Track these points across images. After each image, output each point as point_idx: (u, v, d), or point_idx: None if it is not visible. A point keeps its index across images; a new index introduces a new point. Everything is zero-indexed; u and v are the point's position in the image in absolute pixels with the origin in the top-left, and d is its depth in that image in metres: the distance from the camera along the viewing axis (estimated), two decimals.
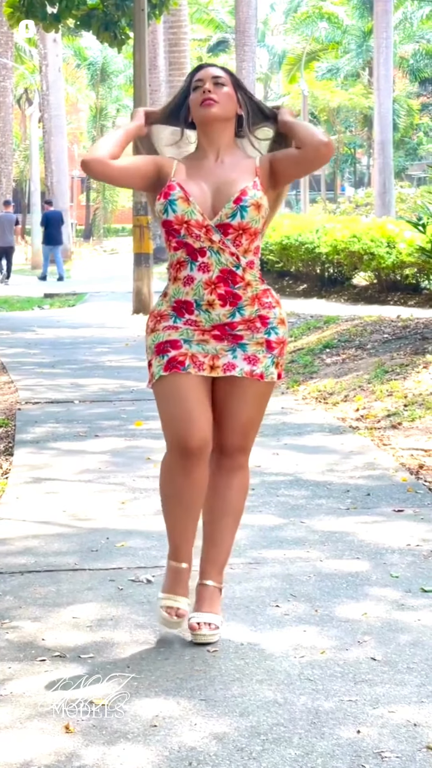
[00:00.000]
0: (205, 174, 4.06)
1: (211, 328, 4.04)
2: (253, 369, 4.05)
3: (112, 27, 18.06)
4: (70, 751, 3.28)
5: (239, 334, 4.06)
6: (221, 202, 4.00)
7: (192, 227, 3.98)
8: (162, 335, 4.06)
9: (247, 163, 4.10)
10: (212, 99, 4.03)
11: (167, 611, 4.10)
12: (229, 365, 4.04)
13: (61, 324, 17.79)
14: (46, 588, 4.72)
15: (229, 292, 4.01)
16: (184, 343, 4.02)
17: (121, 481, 6.61)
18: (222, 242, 3.99)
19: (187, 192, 4.00)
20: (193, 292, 4.02)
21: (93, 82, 56.93)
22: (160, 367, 4.02)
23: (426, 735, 3.35)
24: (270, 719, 3.46)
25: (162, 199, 4.02)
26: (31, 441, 7.89)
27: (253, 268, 4.06)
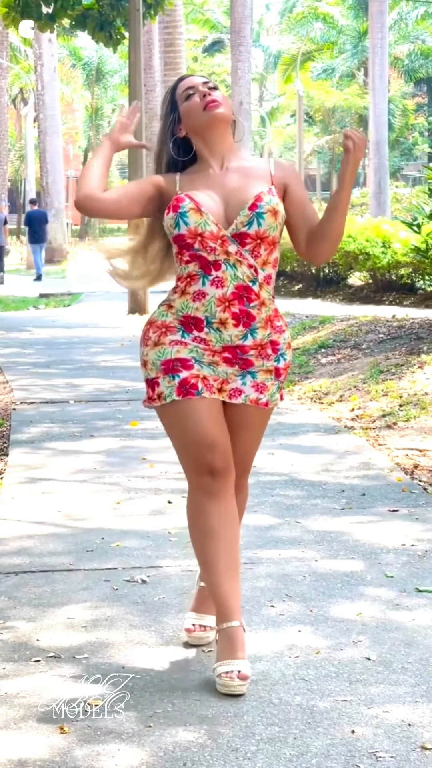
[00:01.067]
0: (213, 183, 3.81)
1: (221, 349, 3.78)
2: (259, 397, 3.84)
3: (108, 27, 18.05)
4: (64, 751, 3.28)
5: (249, 360, 3.81)
6: (235, 210, 3.75)
7: (206, 239, 3.72)
8: (169, 351, 3.77)
9: (258, 169, 3.86)
10: (216, 99, 3.82)
11: (227, 676, 3.65)
12: (236, 391, 3.81)
13: (56, 324, 17.77)
14: (41, 588, 4.72)
15: (244, 311, 3.74)
16: (195, 362, 3.76)
17: (117, 481, 6.61)
18: (239, 253, 3.72)
19: (198, 202, 3.74)
20: (204, 309, 3.75)
21: (88, 82, 56.95)
22: (171, 390, 3.74)
23: (420, 735, 3.35)
24: (265, 719, 3.46)
25: (171, 213, 3.76)
26: (26, 441, 7.89)
27: (270, 284, 3.81)
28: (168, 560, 5.05)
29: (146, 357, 3.82)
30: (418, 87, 54.48)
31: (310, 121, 56.41)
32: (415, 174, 53.53)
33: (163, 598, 4.56)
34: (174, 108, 3.88)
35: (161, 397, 3.76)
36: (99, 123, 56.21)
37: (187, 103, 3.84)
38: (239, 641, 3.67)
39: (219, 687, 3.64)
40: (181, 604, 4.48)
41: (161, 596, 4.58)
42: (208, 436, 3.74)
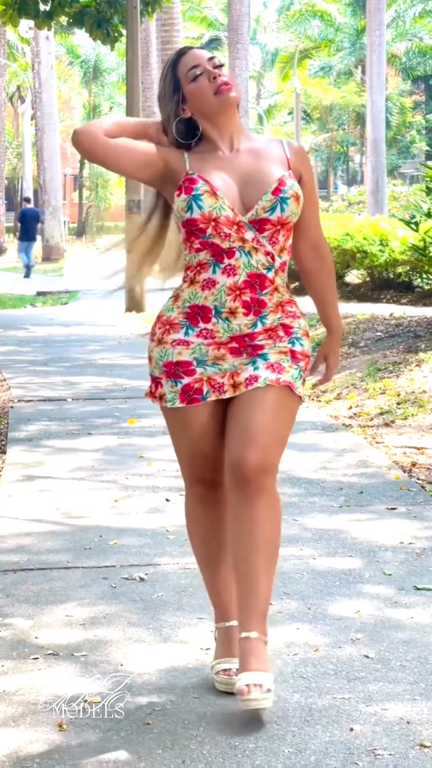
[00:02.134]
0: (225, 165, 3.54)
1: (228, 340, 3.53)
2: (278, 377, 3.49)
3: (105, 24, 18.01)
4: (63, 748, 3.28)
5: (260, 344, 3.54)
6: (253, 194, 3.49)
7: (221, 225, 3.47)
8: (171, 352, 3.56)
9: (273, 151, 3.61)
10: (227, 82, 3.53)
11: (225, 673, 3.64)
12: (252, 378, 3.49)
13: (54, 322, 17.77)
14: (39, 586, 4.72)
15: (255, 299, 3.50)
16: (197, 365, 3.53)
17: (114, 479, 6.61)
18: (256, 240, 3.48)
19: (213, 185, 3.48)
20: (214, 298, 3.51)
21: (86, 79, 56.90)
22: (174, 396, 3.56)
23: (419, 733, 3.35)
24: (263, 717, 3.46)
25: (183, 195, 3.49)
26: (23, 439, 7.88)
27: (284, 271, 3.58)
28: (166, 558, 5.05)
29: (151, 353, 3.63)
30: (415, 85, 54.48)
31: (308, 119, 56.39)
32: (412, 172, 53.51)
33: (162, 596, 4.56)
34: (177, 87, 3.57)
35: (163, 399, 3.60)
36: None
37: (194, 84, 3.54)
38: (236, 638, 3.56)
39: (218, 685, 3.66)
40: (179, 601, 4.48)
41: (159, 594, 4.58)
42: (204, 449, 3.62)
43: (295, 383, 3.52)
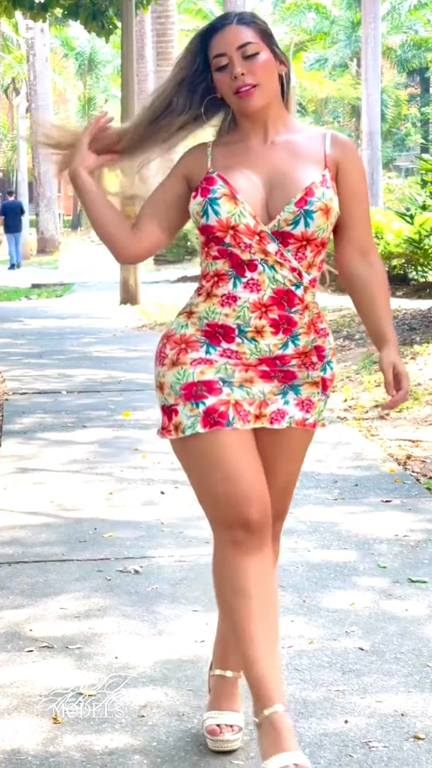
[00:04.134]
0: (253, 161, 3.04)
1: (257, 362, 3.04)
2: (305, 417, 3.12)
3: (100, 17, 17.97)
4: (58, 740, 3.28)
5: (291, 371, 3.08)
6: (278, 201, 2.99)
7: (240, 234, 2.98)
8: (191, 372, 3.02)
9: (311, 147, 3.07)
10: (249, 85, 2.99)
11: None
12: (279, 414, 3.08)
13: (49, 314, 17.76)
14: (34, 578, 4.72)
15: (284, 316, 3.02)
16: (224, 385, 3.02)
17: (109, 471, 6.61)
18: (280, 254, 2.99)
19: (233, 187, 3.00)
20: (236, 315, 3.01)
21: (80, 71, 56.84)
22: (194, 420, 2.99)
23: (413, 725, 3.36)
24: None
25: (199, 197, 3.02)
26: (18, 431, 7.88)
27: (315, 286, 3.10)
28: (161, 550, 5.05)
29: (162, 379, 3.08)
30: (410, 77, 54.47)
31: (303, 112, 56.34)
32: (407, 165, 53.51)
33: (156, 588, 4.56)
34: (207, 67, 3.07)
35: (179, 429, 3.02)
36: (91, 113, 56.04)
37: (219, 75, 3.03)
38: (287, 729, 2.93)
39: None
40: (174, 594, 4.48)
41: (154, 586, 4.58)
42: (244, 482, 2.99)
43: (319, 419, 3.16)
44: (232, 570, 3.01)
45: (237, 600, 3.00)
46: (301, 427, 3.12)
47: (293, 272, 3.01)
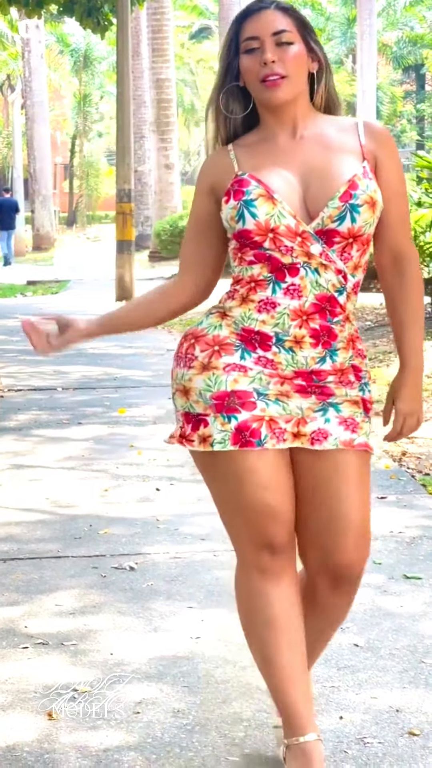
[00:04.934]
0: (284, 158, 2.81)
1: (292, 375, 2.80)
2: (353, 437, 2.83)
3: (95, 13, 17.94)
4: (53, 737, 3.28)
5: (328, 388, 2.83)
6: (319, 198, 2.75)
7: (280, 236, 2.74)
8: (224, 379, 2.78)
9: (345, 138, 2.83)
10: (278, 74, 2.77)
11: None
12: (320, 433, 2.80)
13: (44, 311, 17.74)
14: (29, 575, 4.72)
15: (325, 327, 2.79)
16: (259, 398, 2.78)
17: (104, 468, 6.60)
18: (325, 256, 2.75)
19: (269, 186, 2.76)
20: (274, 323, 2.78)
21: (76, 68, 56.72)
22: (225, 436, 2.76)
23: (408, 720, 3.36)
24: (253, 705, 3.46)
25: (232, 201, 2.77)
26: (13, 428, 7.88)
27: (357, 293, 2.87)
28: (156, 547, 5.05)
29: (189, 383, 2.83)
30: (406, 74, 54.43)
31: None
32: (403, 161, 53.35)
33: (152, 585, 4.55)
34: (237, 51, 2.84)
35: (207, 442, 2.78)
36: (87, 110, 56.01)
37: (246, 57, 2.81)
38: (318, 759, 2.85)
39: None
40: (169, 590, 4.48)
41: (149, 583, 4.58)
42: (271, 503, 2.80)
43: (369, 442, 2.89)
44: (259, 599, 2.88)
45: (264, 631, 2.88)
46: (350, 448, 2.82)
47: (338, 275, 2.77)
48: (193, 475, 6.34)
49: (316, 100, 2.89)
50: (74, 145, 57.29)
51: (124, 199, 18.98)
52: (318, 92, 2.89)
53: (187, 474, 6.36)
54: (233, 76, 2.86)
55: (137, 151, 35.03)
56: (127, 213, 19.01)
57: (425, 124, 51.38)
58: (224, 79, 2.87)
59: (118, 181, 19.37)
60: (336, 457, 2.82)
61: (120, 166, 19.31)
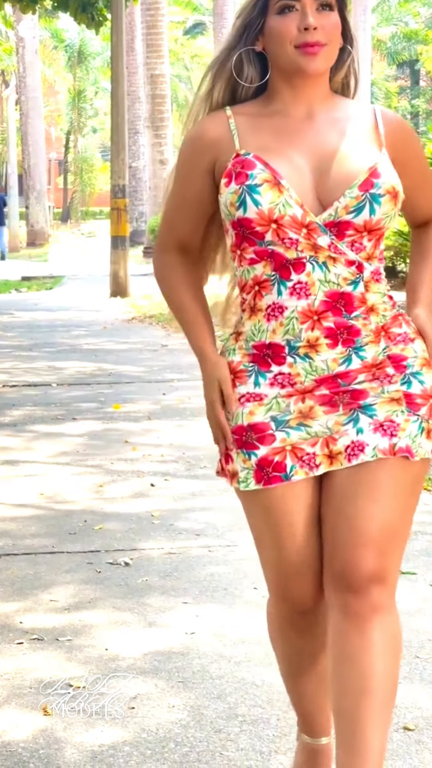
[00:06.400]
0: (295, 140, 2.52)
1: (313, 386, 2.51)
2: (393, 443, 2.49)
3: (90, 9, 17.92)
4: (48, 732, 3.28)
5: (360, 390, 2.52)
6: (335, 186, 2.47)
7: (285, 228, 2.45)
8: (240, 412, 2.54)
9: (362, 124, 2.57)
10: (319, 44, 2.47)
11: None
12: (356, 446, 2.49)
13: (39, 307, 17.74)
14: (24, 571, 4.72)
15: (342, 324, 2.50)
16: (277, 427, 2.52)
17: (99, 464, 6.60)
18: (333, 247, 2.47)
19: (276, 171, 2.46)
20: (284, 330, 2.50)
21: (70, 64, 56.68)
22: (247, 474, 2.53)
23: (403, 716, 3.36)
24: (248, 701, 3.46)
25: (233, 184, 2.48)
26: (8, 424, 7.88)
27: (380, 281, 2.56)
28: (151, 543, 5.05)
29: None
30: (400, 70, 54.47)
31: None
32: None
33: (146, 581, 4.56)
34: (263, 11, 2.52)
35: (234, 479, 2.58)
36: (81, 105, 55.98)
37: (279, 19, 2.48)
38: (328, 762, 2.85)
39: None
40: (164, 586, 4.48)
41: (144, 578, 4.58)
42: (295, 556, 2.58)
43: (413, 445, 2.51)
44: (279, 632, 2.78)
45: (286, 661, 2.81)
46: (390, 455, 2.48)
47: (350, 266, 2.48)
48: (188, 470, 6.35)
49: (336, 79, 2.62)
50: (69, 141, 57.28)
51: (118, 194, 18.98)
52: (340, 71, 2.61)
53: (182, 470, 6.37)
54: (251, 37, 2.54)
55: (132, 147, 35.03)
56: (122, 209, 19.00)
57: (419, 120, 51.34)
58: (240, 39, 2.55)
59: (112, 176, 19.36)
60: (371, 468, 2.48)
61: (114, 161, 19.31)
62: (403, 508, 2.51)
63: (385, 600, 2.50)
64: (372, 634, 2.47)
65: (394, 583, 2.54)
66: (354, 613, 2.47)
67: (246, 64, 2.56)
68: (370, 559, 2.46)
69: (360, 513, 2.47)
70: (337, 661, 2.52)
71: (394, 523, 2.49)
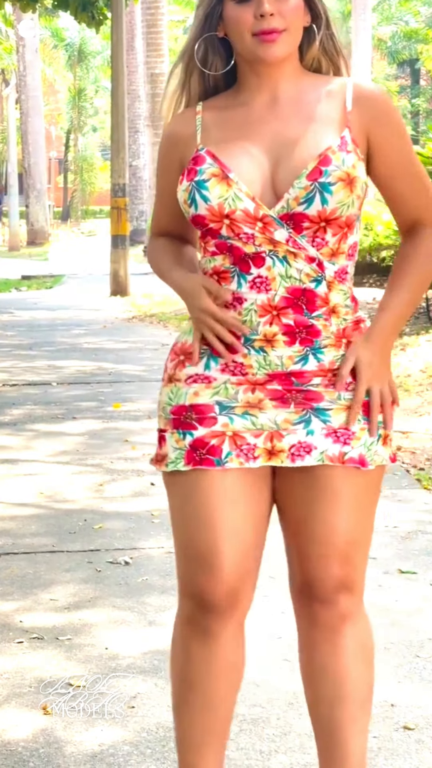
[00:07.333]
0: (255, 129, 2.41)
1: (265, 379, 2.41)
2: (344, 451, 2.41)
3: (90, 7, 17.91)
4: (48, 732, 3.28)
5: (314, 392, 2.42)
6: (287, 176, 2.36)
7: (238, 223, 2.36)
8: (184, 392, 2.45)
9: (328, 104, 2.41)
10: (276, 31, 2.37)
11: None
12: (303, 447, 2.40)
13: (39, 306, 17.74)
14: (24, 570, 4.71)
15: (301, 322, 2.39)
16: (221, 411, 2.42)
17: (99, 463, 6.60)
18: (292, 242, 2.37)
19: (225, 165, 2.37)
20: (242, 320, 2.40)
21: (70, 62, 56.68)
22: (178, 454, 2.43)
23: (403, 715, 3.36)
24: (248, 700, 3.46)
25: (185, 182, 2.41)
26: (8, 423, 7.87)
27: (345, 280, 2.44)
28: (151, 542, 5.05)
29: (160, 396, 2.54)
30: (401, 69, 54.45)
31: None
32: None
33: (146, 580, 4.56)
34: None
35: (163, 461, 2.47)
36: (81, 104, 55.96)
37: (236, 7, 2.39)
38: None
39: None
40: (163, 585, 4.48)
41: (144, 578, 4.58)
42: (214, 546, 2.41)
43: (367, 454, 2.43)
44: (179, 650, 2.53)
45: (179, 687, 2.54)
46: (339, 464, 2.40)
47: (311, 263, 2.37)
48: None
49: (307, 58, 2.48)
50: (69, 140, 57.27)
51: (118, 193, 18.97)
52: (311, 49, 2.48)
53: None
54: (213, 25, 2.44)
55: (132, 146, 35.02)
56: (122, 208, 19.00)
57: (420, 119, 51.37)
58: (203, 28, 2.45)
59: (112, 175, 19.35)
60: (325, 475, 2.41)
61: (115, 160, 19.30)
62: (363, 515, 2.47)
63: (353, 608, 2.49)
64: (342, 642, 2.48)
65: (361, 590, 2.52)
66: (323, 624, 2.48)
67: (210, 52, 2.47)
68: (336, 569, 2.44)
69: (322, 523, 2.42)
70: (308, 671, 2.54)
71: (356, 531, 2.45)
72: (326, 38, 2.49)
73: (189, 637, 2.49)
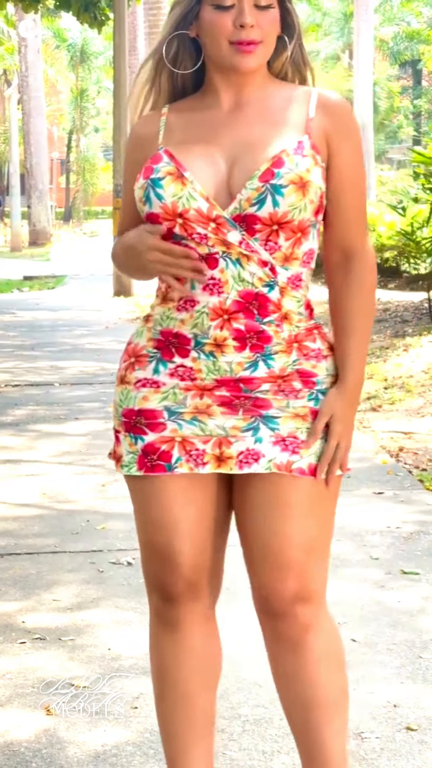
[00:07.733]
0: (217, 130, 2.41)
1: (214, 385, 2.40)
2: (291, 460, 2.39)
3: (92, 8, 17.93)
4: (51, 732, 3.28)
5: (263, 398, 2.40)
6: (241, 177, 2.35)
7: (191, 222, 2.34)
8: (134, 396, 2.48)
9: (291, 110, 2.42)
10: (254, 42, 2.38)
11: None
12: (251, 455, 2.39)
13: (41, 306, 17.75)
14: (26, 570, 4.72)
15: (252, 328, 2.37)
16: (169, 417, 2.43)
17: (102, 463, 6.60)
18: (245, 244, 2.35)
19: (181, 164, 2.36)
20: (193, 323, 2.39)
21: (72, 63, 56.69)
22: (132, 459, 2.48)
23: (406, 716, 3.36)
24: (250, 701, 3.46)
25: (141, 179, 2.39)
26: (10, 423, 7.88)
27: (300, 287, 2.43)
28: None
29: (114, 396, 2.59)
30: (403, 69, 54.45)
31: None
32: (400, 157, 53.53)
33: None
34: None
35: (119, 462, 2.54)
36: (84, 105, 55.98)
37: (216, 13, 2.38)
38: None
39: None
40: None
41: None
42: (171, 545, 2.47)
43: (317, 465, 2.44)
44: (154, 644, 2.60)
45: (157, 682, 2.60)
46: (287, 472, 2.39)
47: (264, 267, 2.36)
48: None
49: (275, 66, 2.49)
50: (71, 141, 57.26)
51: (120, 194, 18.98)
52: (279, 60, 2.48)
53: None
54: (186, 24, 2.43)
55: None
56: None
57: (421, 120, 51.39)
58: (176, 27, 2.44)
59: (114, 176, 19.37)
60: (275, 483, 2.39)
61: (117, 161, 19.31)
62: (317, 523, 2.45)
63: (314, 618, 2.47)
64: (307, 654, 2.47)
65: (320, 599, 2.50)
66: (285, 637, 2.47)
67: (181, 50, 2.46)
68: (290, 581, 2.43)
69: (273, 534, 2.42)
70: (279, 681, 2.55)
71: (310, 541, 2.44)
72: (296, 49, 2.49)
73: (159, 631, 2.56)
